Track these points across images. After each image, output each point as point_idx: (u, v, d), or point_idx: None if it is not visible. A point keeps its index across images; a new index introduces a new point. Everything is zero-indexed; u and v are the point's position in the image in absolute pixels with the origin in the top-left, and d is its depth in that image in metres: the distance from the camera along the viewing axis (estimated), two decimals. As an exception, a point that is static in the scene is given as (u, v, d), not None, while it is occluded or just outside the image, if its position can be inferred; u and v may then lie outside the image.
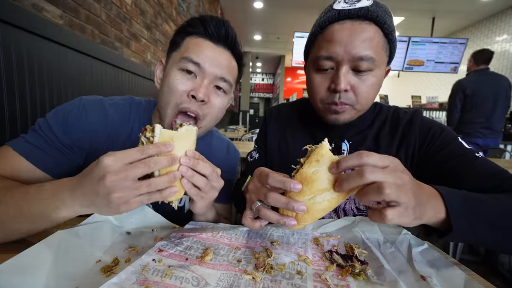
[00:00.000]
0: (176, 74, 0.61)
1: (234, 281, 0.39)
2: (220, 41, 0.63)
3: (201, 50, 0.61)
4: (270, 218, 0.46)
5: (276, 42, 8.50)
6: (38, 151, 0.57)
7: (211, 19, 0.62)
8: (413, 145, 0.65)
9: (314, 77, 0.63)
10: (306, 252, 0.49)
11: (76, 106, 0.63)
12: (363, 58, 0.56)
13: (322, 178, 0.42)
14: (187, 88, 0.60)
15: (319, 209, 0.43)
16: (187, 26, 0.63)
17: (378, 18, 0.56)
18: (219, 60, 0.62)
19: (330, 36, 0.58)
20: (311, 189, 0.42)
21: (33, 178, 0.57)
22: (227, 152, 0.86)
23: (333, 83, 0.59)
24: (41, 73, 1.08)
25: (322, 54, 0.59)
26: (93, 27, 1.48)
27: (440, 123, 0.67)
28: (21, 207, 0.44)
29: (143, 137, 0.47)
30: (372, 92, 0.61)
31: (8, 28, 0.92)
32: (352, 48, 0.56)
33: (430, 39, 5.02)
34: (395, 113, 0.73)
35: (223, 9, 5.90)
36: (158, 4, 2.44)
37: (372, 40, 0.56)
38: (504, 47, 5.11)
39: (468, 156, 0.59)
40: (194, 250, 0.48)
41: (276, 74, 13.58)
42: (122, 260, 0.45)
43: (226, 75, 0.63)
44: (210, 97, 0.62)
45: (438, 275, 0.42)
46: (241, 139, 3.51)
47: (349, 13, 0.56)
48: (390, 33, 0.58)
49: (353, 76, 0.59)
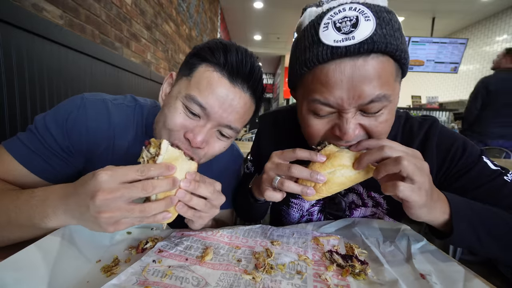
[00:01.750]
0: (178, 108, 0.52)
1: (234, 281, 0.39)
2: (240, 78, 0.52)
3: (213, 90, 0.50)
4: (293, 188, 0.48)
5: (276, 42, 8.49)
6: (34, 155, 0.54)
7: (236, 49, 0.52)
8: (431, 165, 0.51)
9: (310, 121, 0.50)
10: (306, 252, 0.49)
11: (77, 106, 0.58)
12: (374, 100, 0.43)
13: (345, 157, 0.48)
14: (185, 126, 0.52)
15: (336, 182, 0.48)
16: (207, 51, 0.52)
17: (387, 47, 0.41)
18: (231, 105, 0.52)
19: (324, 79, 0.44)
20: (333, 163, 0.47)
21: (28, 182, 0.55)
22: (231, 155, 0.81)
23: (337, 129, 0.47)
24: (41, 73, 1.08)
25: (317, 98, 0.46)
26: (93, 27, 1.48)
27: (462, 137, 0.58)
28: (9, 215, 0.42)
29: (146, 151, 0.43)
30: (387, 126, 0.49)
31: (8, 28, 0.92)
32: (358, 93, 0.43)
33: (430, 39, 5.03)
34: (407, 124, 0.62)
35: (223, 9, 5.90)
36: (158, 4, 2.44)
37: (382, 75, 0.43)
38: (504, 47, 5.06)
39: (497, 181, 0.52)
40: (194, 250, 0.48)
41: (276, 74, 13.57)
42: (122, 260, 0.45)
43: (234, 123, 0.54)
44: (209, 142, 0.54)
45: (438, 272, 0.42)
46: (241, 139, 3.51)
47: (346, 52, 0.41)
48: (403, 56, 0.44)
49: (362, 116, 0.47)
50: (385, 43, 0.41)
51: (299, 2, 5.09)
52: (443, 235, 0.48)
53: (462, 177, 0.55)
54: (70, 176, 0.61)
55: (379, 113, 0.46)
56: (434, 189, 0.45)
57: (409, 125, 0.62)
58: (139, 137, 0.66)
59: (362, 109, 0.46)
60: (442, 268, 0.44)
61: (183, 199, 0.44)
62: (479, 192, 0.53)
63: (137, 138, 0.66)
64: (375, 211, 0.66)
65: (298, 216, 0.74)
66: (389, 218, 0.65)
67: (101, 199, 0.36)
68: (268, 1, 5.38)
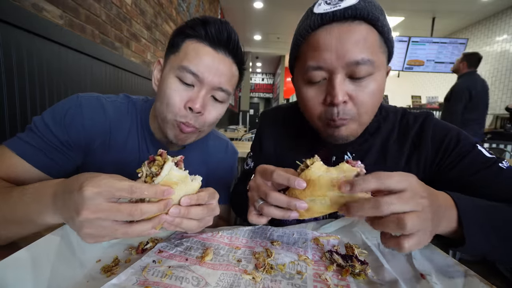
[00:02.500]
0: (173, 83, 0.59)
1: (234, 281, 0.39)
2: (221, 46, 0.59)
3: (200, 58, 0.58)
4: (274, 214, 0.45)
5: (276, 42, 8.49)
6: (35, 150, 0.56)
7: (213, 21, 0.59)
8: (425, 157, 0.58)
9: (305, 91, 0.55)
10: (306, 252, 0.49)
11: (73, 104, 0.61)
12: (359, 62, 0.48)
13: (327, 185, 0.40)
14: (183, 99, 0.58)
15: (318, 211, 0.44)
16: (188, 28, 0.60)
17: (369, 15, 0.48)
18: (218, 69, 0.59)
19: (315, 44, 0.50)
20: (313, 192, 0.41)
21: (30, 178, 0.56)
22: (225, 152, 0.84)
23: (328, 96, 0.51)
24: (41, 73, 1.08)
25: (310, 64, 0.51)
26: (93, 27, 1.48)
27: (456, 128, 0.59)
28: (4, 212, 0.42)
29: (146, 166, 0.39)
30: (375, 99, 0.53)
31: (8, 28, 0.92)
32: (345, 52, 0.48)
33: (430, 39, 5.03)
34: (404, 118, 0.64)
35: (223, 9, 5.90)
36: (158, 4, 2.44)
37: (366, 40, 0.48)
38: (504, 47, 5.10)
39: (492, 168, 0.52)
40: (194, 250, 0.48)
41: (276, 74, 13.58)
42: (122, 260, 0.45)
43: (225, 84, 0.61)
44: (206, 108, 0.61)
45: (438, 272, 0.42)
46: (241, 139, 3.51)
47: (333, 16, 0.48)
48: (385, 30, 0.51)
49: (350, 84, 0.51)
50: (367, 12, 0.48)
51: (299, 2, 5.10)
52: (451, 242, 0.43)
53: (457, 165, 0.55)
54: (71, 171, 0.64)
55: (366, 81, 0.50)
56: (438, 201, 0.39)
57: (405, 120, 0.64)
58: (134, 131, 0.69)
59: (350, 75, 0.50)
60: (442, 268, 0.44)
61: (172, 222, 0.41)
62: (475, 179, 0.52)
63: (132, 132, 0.69)
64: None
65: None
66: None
67: (84, 217, 0.34)
68: (268, 1, 5.38)
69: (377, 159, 0.62)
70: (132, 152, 0.69)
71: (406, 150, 0.60)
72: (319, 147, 0.66)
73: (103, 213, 0.34)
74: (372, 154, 0.62)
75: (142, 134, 0.70)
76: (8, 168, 0.54)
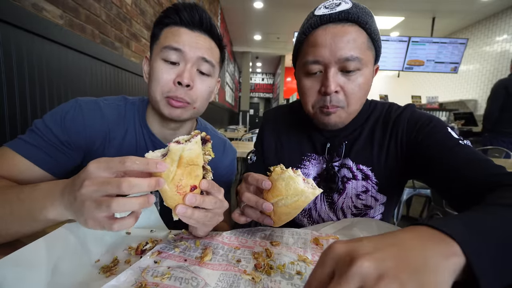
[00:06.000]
0: (160, 65, 0.63)
1: (234, 282, 0.39)
2: (196, 26, 0.64)
3: (179, 36, 0.63)
4: (252, 216, 0.53)
5: (276, 42, 8.50)
6: (37, 150, 0.57)
7: (184, 6, 0.63)
8: (401, 136, 0.66)
9: (303, 81, 0.64)
10: (306, 252, 0.49)
11: (73, 107, 0.64)
12: (349, 59, 0.57)
13: (282, 185, 0.47)
14: (171, 76, 0.62)
15: (283, 212, 0.49)
16: (163, 18, 0.65)
17: (359, 19, 0.57)
18: (198, 43, 0.64)
19: (314, 41, 0.60)
20: (272, 194, 0.48)
21: (32, 178, 0.57)
22: (224, 151, 0.85)
23: (323, 86, 0.60)
24: (41, 73, 1.08)
25: (309, 58, 0.60)
26: (93, 27, 1.48)
27: (430, 115, 0.67)
28: (12, 206, 0.43)
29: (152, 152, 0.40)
30: (362, 91, 0.62)
31: (8, 28, 0.92)
32: (338, 49, 0.57)
33: (430, 39, 5.03)
34: (389, 108, 0.73)
35: (223, 9, 5.91)
36: (158, 4, 2.44)
37: (356, 40, 0.58)
38: (504, 47, 5.10)
39: (451, 142, 0.58)
40: (193, 251, 0.48)
41: (276, 74, 13.59)
42: (122, 260, 0.45)
43: (207, 55, 0.65)
44: (194, 81, 0.64)
45: None
46: (241, 139, 3.51)
47: (330, 17, 0.58)
48: (373, 32, 0.60)
49: (342, 77, 0.60)
50: (357, 16, 0.57)
51: (299, 2, 5.12)
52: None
53: (425, 141, 0.61)
54: (73, 171, 0.65)
55: (355, 75, 0.59)
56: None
57: (390, 108, 0.73)
58: (132, 128, 0.71)
59: (341, 68, 0.59)
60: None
61: (185, 214, 0.42)
62: (436, 151, 0.58)
63: (130, 130, 0.70)
64: (366, 186, 0.69)
65: None
66: (381, 196, 0.69)
67: (85, 188, 0.35)
68: (268, 1, 5.38)
69: (366, 144, 0.70)
70: (130, 148, 0.70)
71: (388, 132, 0.68)
72: (315, 136, 0.75)
73: (98, 186, 0.35)
74: (361, 140, 0.70)
75: (140, 130, 0.71)
76: (12, 168, 0.55)
